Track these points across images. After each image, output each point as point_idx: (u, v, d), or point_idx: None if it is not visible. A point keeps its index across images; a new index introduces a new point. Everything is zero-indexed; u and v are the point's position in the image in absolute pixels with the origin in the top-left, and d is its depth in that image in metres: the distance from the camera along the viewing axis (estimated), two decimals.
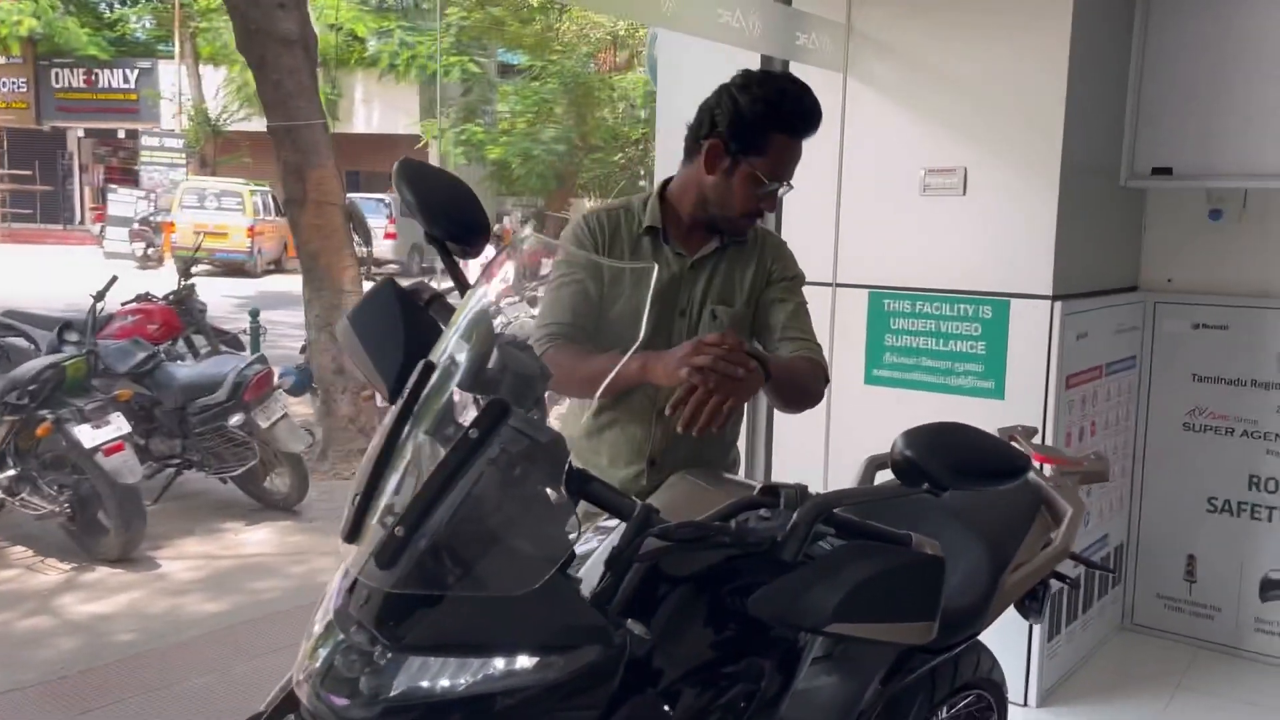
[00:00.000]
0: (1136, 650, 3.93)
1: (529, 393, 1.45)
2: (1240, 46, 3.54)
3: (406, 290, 1.56)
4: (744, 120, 2.01)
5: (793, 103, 2.03)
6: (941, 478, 1.39)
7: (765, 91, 2.02)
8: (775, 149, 2.03)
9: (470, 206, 1.56)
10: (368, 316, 1.55)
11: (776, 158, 2.04)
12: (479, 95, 22.81)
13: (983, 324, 3.42)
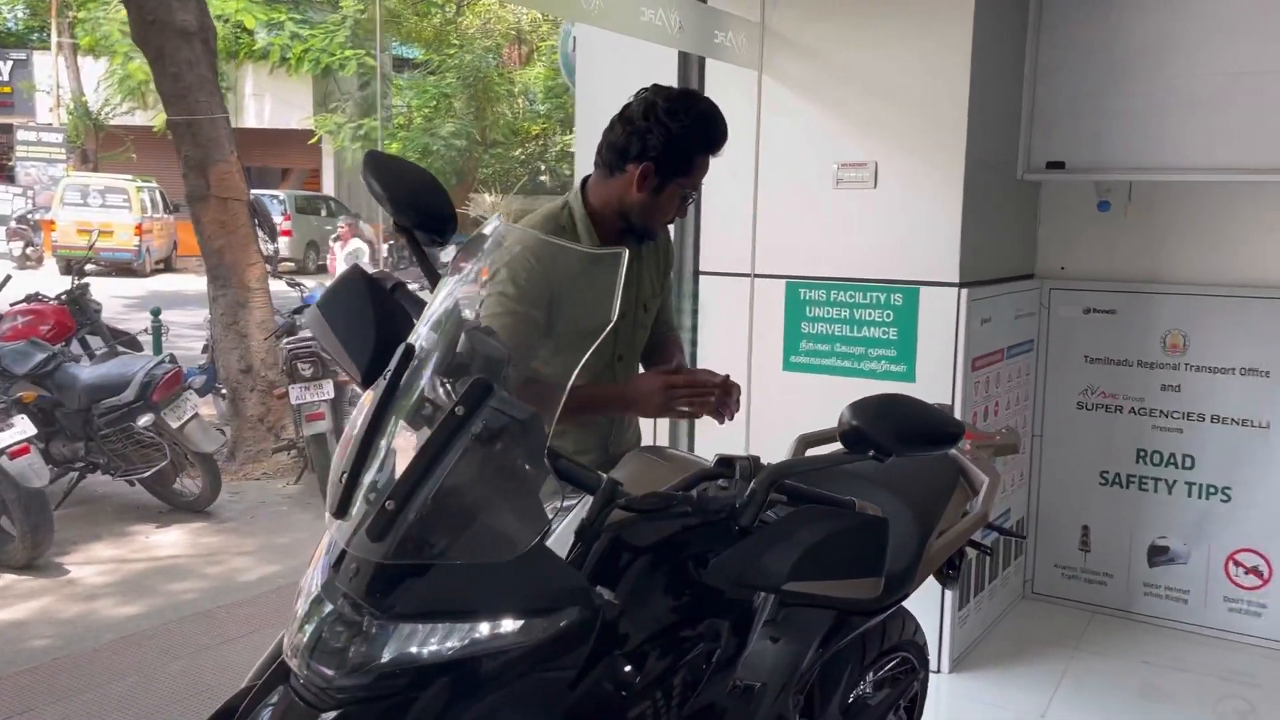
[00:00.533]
0: (1037, 617, 4.17)
1: (496, 374, 1.53)
2: (1125, 50, 3.79)
3: (373, 278, 1.61)
4: (676, 146, 2.18)
5: (715, 126, 2.24)
6: (886, 445, 1.51)
7: (692, 118, 2.20)
8: (698, 167, 2.25)
9: (437, 196, 1.62)
10: (337, 304, 1.60)
11: (699, 174, 2.26)
12: (375, 89, 22.46)
13: (894, 311, 3.59)
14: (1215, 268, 3.91)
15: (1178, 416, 3.98)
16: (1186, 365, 3.95)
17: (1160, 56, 3.74)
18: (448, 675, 1.35)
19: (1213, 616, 3.99)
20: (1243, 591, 3.94)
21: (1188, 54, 3.70)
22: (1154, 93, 3.77)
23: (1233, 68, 3.62)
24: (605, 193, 2.25)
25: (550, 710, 1.41)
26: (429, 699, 1.34)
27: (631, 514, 1.55)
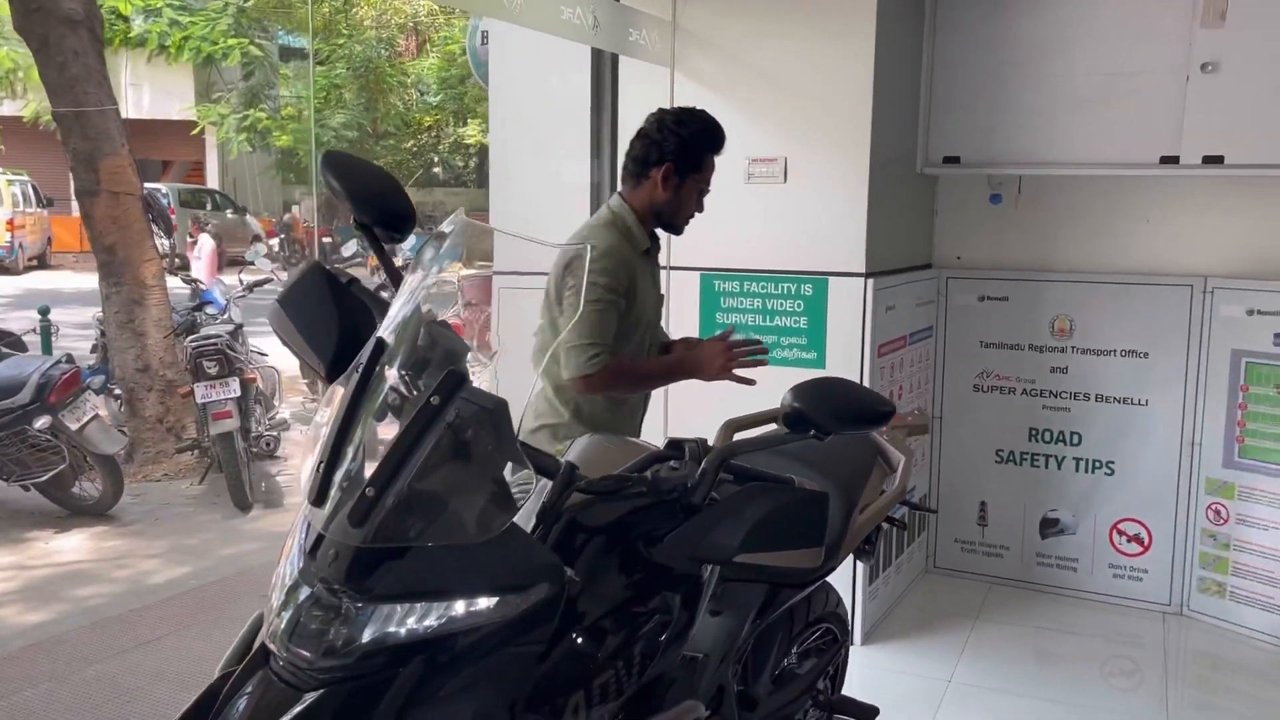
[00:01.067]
0: (940, 590, 4.39)
1: (458, 364, 1.59)
2: (1014, 51, 4.01)
3: (332, 273, 1.66)
4: (687, 148, 2.69)
5: (717, 129, 2.73)
6: (826, 424, 1.62)
7: (697, 124, 2.71)
8: (707, 165, 2.75)
9: (396, 194, 1.67)
10: (298, 299, 1.63)
11: (708, 171, 2.76)
12: (261, 79, 21.85)
13: (804, 300, 3.74)
14: (1098, 256, 4.17)
15: (1066, 396, 4.24)
16: (1073, 348, 4.21)
17: (1047, 57, 3.97)
18: (425, 653, 1.41)
19: (1099, 583, 4.27)
20: (1125, 558, 4.22)
21: (1071, 55, 3.94)
22: (1041, 91, 4.00)
23: (1112, 68, 3.87)
24: (637, 198, 2.73)
25: (521, 683, 1.48)
26: (407, 676, 1.40)
27: (589, 496, 1.63)
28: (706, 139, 2.72)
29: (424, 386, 1.51)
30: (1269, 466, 3.90)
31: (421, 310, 1.59)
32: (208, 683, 1.51)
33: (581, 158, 4.08)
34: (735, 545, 1.59)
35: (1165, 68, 3.79)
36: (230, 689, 1.42)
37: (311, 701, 1.37)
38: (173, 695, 3.54)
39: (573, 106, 4.06)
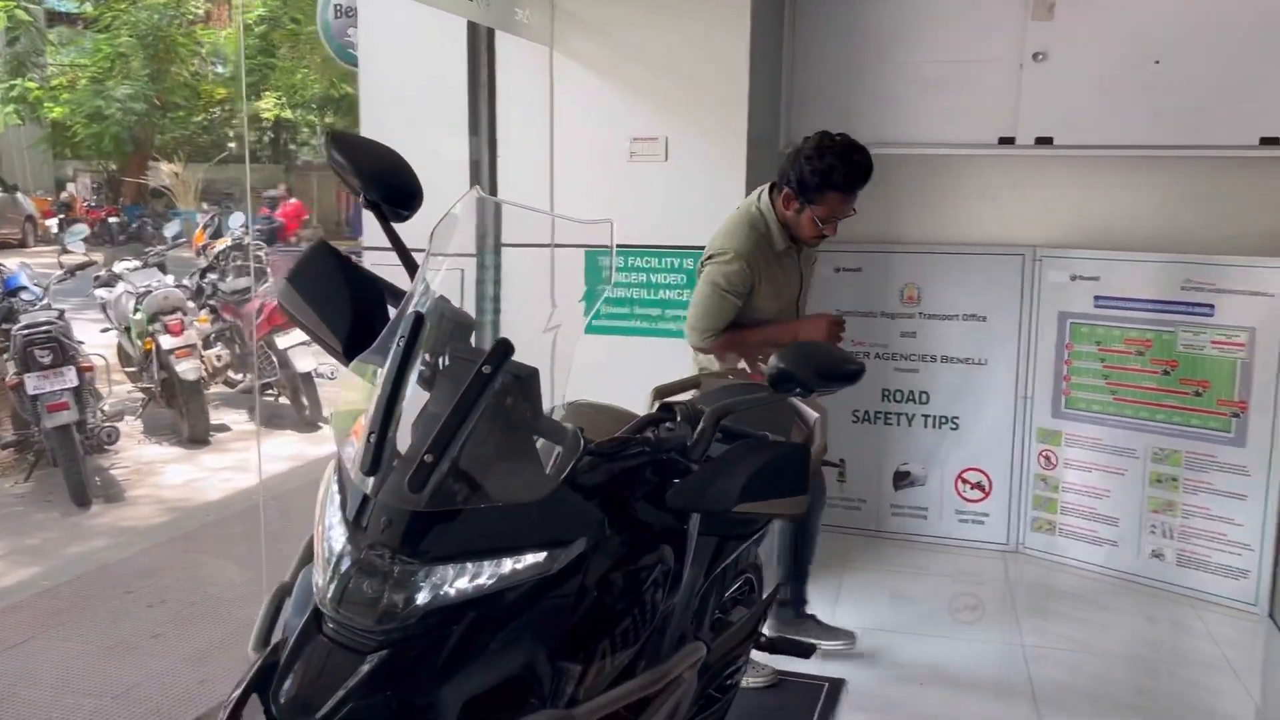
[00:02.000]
0: (824, 543, 4.68)
1: (466, 335, 1.66)
2: (866, 37, 4.31)
3: (339, 251, 1.68)
4: (805, 184, 3.04)
5: (841, 170, 3.00)
6: (810, 382, 1.79)
7: (826, 161, 3.00)
8: (829, 202, 3.05)
9: (403, 172, 1.70)
10: (308, 278, 1.65)
11: (830, 207, 3.06)
12: (28, 46, 20.16)
13: (688, 275, 3.91)
14: (942, 229, 4.55)
15: (914, 359, 4.61)
16: (921, 314, 4.57)
17: (896, 44, 4.29)
18: (476, 609, 1.48)
19: (947, 528, 4.68)
20: (969, 505, 4.65)
21: (918, 44, 4.27)
22: (892, 77, 4.32)
23: (954, 56, 4.22)
24: (778, 205, 3.16)
25: (557, 632, 1.58)
26: (462, 631, 1.47)
27: (596, 457, 1.73)
28: (826, 178, 2.99)
29: (452, 358, 1.58)
30: (1090, 414, 4.39)
31: (431, 285, 1.64)
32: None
33: (459, 134, 4.09)
34: (734, 495, 1.73)
35: (1001, 56, 4.17)
36: (287, 659, 1.45)
37: (376, 662, 1.42)
38: (53, 696, 3.39)
39: (448, 83, 4.06)
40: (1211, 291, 4.05)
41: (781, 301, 3.22)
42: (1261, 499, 3.99)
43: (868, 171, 3.03)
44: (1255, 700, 3.46)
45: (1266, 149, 3.95)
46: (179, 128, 21.85)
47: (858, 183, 3.03)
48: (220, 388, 7.67)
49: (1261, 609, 4.03)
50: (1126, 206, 4.41)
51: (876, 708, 3.33)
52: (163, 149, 22.05)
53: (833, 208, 3.04)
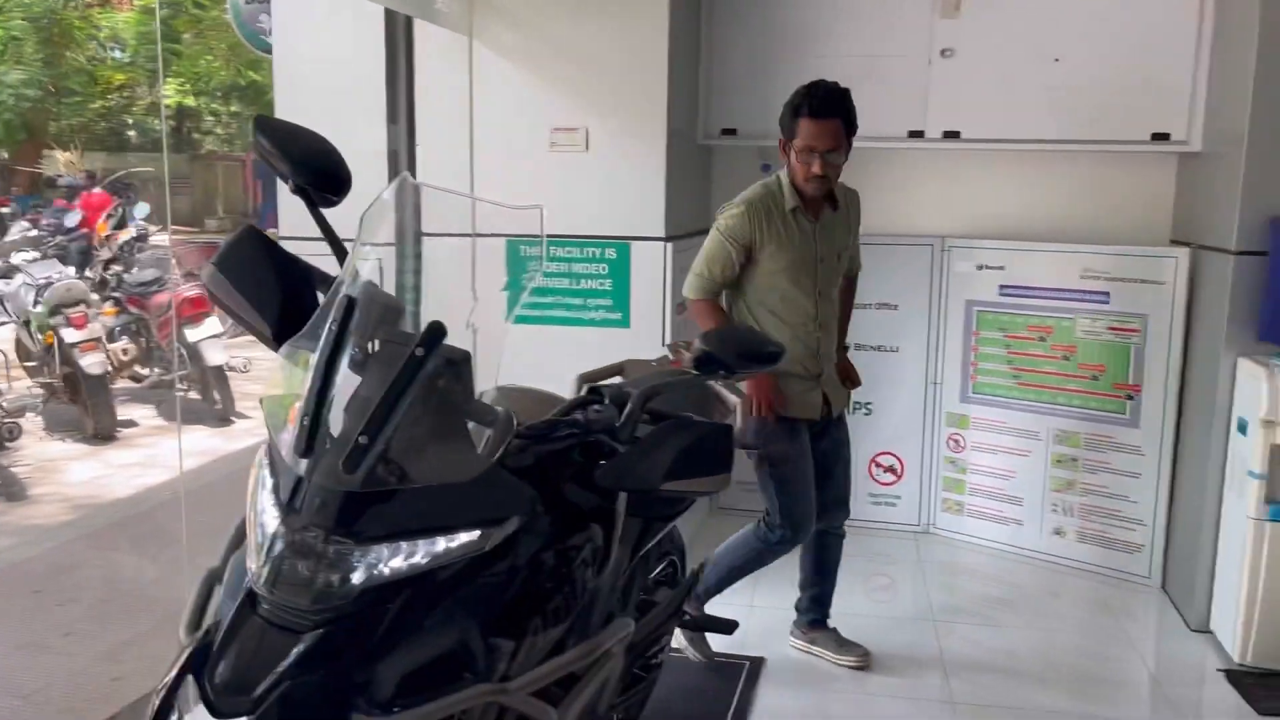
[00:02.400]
0: (727, 529, 4.72)
1: (396, 320, 1.69)
2: (782, 32, 4.40)
3: (268, 237, 1.69)
4: (784, 123, 3.11)
5: (806, 93, 3.06)
6: (733, 364, 1.85)
7: (793, 98, 3.09)
8: (801, 130, 3.05)
9: (332, 157, 1.71)
10: (236, 263, 1.65)
11: (806, 135, 3.04)
12: None
13: (609, 264, 3.96)
14: None
15: None
16: None
17: (810, 38, 4.39)
18: (410, 588, 1.51)
19: (861, 510, 4.79)
20: (882, 488, 4.79)
21: (830, 38, 4.38)
22: (806, 70, 4.36)
23: (866, 51, 4.33)
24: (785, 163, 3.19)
25: (490, 609, 1.61)
26: (397, 609, 1.50)
27: (526, 439, 1.77)
28: (796, 108, 3.03)
29: (383, 342, 1.60)
30: (995, 398, 4.56)
31: (361, 271, 1.66)
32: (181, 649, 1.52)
33: (377, 124, 4.07)
34: (661, 474, 1.78)
35: (911, 52, 4.30)
36: (222, 641, 1.46)
37: (312, 641, 1.44)
38: None
39: (366, 72, 4.04)
40: (1107, 280, 4.25)
41: (789, 263, 3.16)
42: (1154, 477, 4.20)
43: (829, 95, 3.05)
44: (1149, 667, 3.65)
45: (1157, 144, 4.16)
46: (75, 114, 21.08)
47: (822, 107, 3.03)
48: (126, 382, 7.46)
49: (1155, 581, 4.25)
50: (1029, 198, 4.59)
51: (796, 683, 3.43)
52: (58, 137, 21.25)
53: (807, 137, 3.03)
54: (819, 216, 3.22)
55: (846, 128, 3.09)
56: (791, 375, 3.21)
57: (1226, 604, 3.64)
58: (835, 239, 3.26)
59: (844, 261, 3.34)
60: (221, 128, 24.19)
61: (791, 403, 3.24)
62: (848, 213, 3.32)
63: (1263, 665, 3.51)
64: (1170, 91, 4.09)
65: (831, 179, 3.13)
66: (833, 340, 3.35)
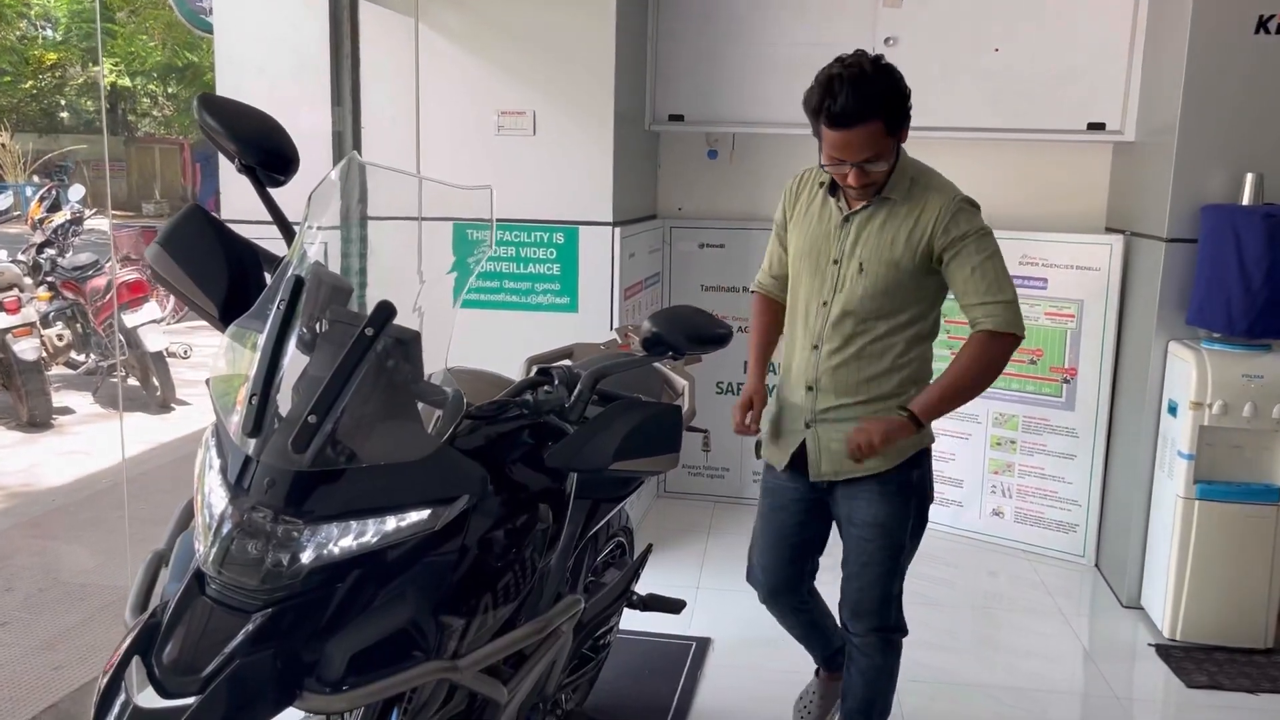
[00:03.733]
0: (672, 512, 4.82)
1: (344, 300, 1.68)
2: (728, 19, 4.42)
3: (213, 216, 1.67)
4: (805, 102, 2.32)
5: (822, 94, 2.24)
6: (680, 345, 1.87)
7: (810, 94, 2.29)
8: (827, 138, 2.28)
9: (279, 135, 1.70)
10: (182, 242, 1.63)
11: (830, 143, 2.28)
12: None
13: (557, 249, 3.96)
14: None
15: None
16: None
17: (756, 27, 4.42)
18: (361, 567, 1.52)
19: None
20: None
21: (776, 26, 4.41)
22: (751, 57, 4.45)
23: (811, 40, 4.37)
24: None
25: (440, 588, 1.62)
26: (347, 588, 1.50)
27: (476, 420, 1.78)
28: (813, 113, 2.28)
29: (331, 322, 1.60)
30: None
31: (309, 250, 1.65)
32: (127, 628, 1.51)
33: (321, 106, 4.02)
34: (610, 455, 1.80)
35: (855, 40, 4.31)
36: (170, 621, 1.45)
37: (261, 620, 1.44)
38: None
39: (309, 53, 3.99)
40: (1044, 266, 4.35)
41: (798, 251, 2.49)
42: (1089, 459, 4.31)
43: (854, 99, 2.19)
44: (1083, 642, 3.76)
45: (1093, 134, 4.26)
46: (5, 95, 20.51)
47: (844, 117, 2.20)
48: (61, 369, 7.30)
49: (1089, 560, 4.37)
50: (969, 186, 4.61)
51: (740, 664, 3.47)
52: None
53: (832, 148, 2.28)
54: (858, 208, 2.39)
55: (888, 125, 2.26)
56: (783, 407, 2.61)
57: (1157, 581, 3.76)
58: (874, 248, 2.36)
59: (879, 280, 2.36)
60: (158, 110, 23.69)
61: (766, 437, 2.65)
62: (919, 214, 2.36)
63: (1191, 640, 3.64)
64: (1106, 82, 4.19)
65: (877, 184, 2.36)
66: (853, 388, 2.43)
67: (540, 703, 2.25)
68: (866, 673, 2.60)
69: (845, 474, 2.46)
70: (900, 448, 2.41)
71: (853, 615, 2.57)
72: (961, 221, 2.35)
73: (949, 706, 3.26)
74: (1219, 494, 3.54)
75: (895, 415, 2.32)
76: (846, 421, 2.41)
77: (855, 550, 2.52)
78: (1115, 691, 3.40)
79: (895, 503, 2.47)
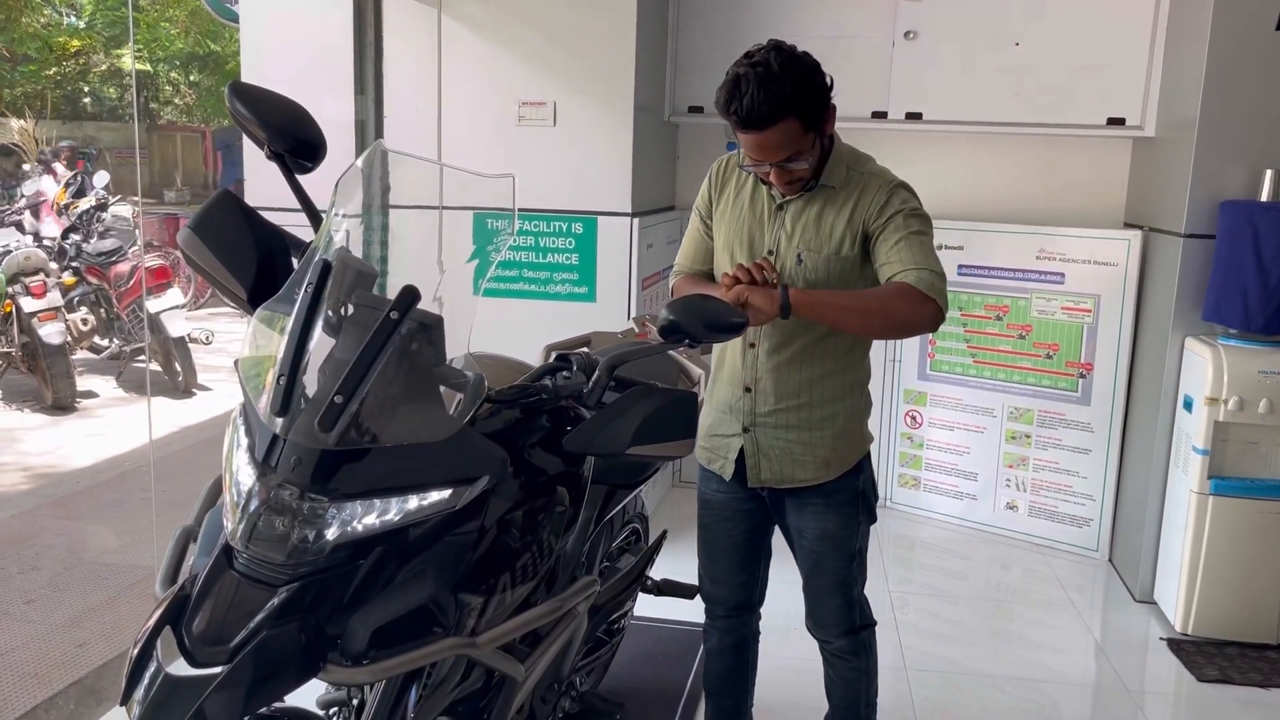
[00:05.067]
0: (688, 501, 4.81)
1: (369, 285, 1.72)
2: (748, 10, 4.44)
3: (244, 201, 1.71)
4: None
5: (729, 94, 2.10)
6: (696, 333, 1.90)
7: (718, 95, 2.14)
8: (741, 140, 2.15)
9: (307, 123, 1.74)
10: (213, 226, 1.68)
11: (745, 145, 2.16)
12: None
13: (575, 239, 4.00)
14: None
15: None
16: None
17: (776, 19, 4.43)
18: (383, 544, 1.56)
19: None
20: None
21: (796, 19, 4.42)
22: None
23: (832, 32, 4.39)
24: None
25: (460, 566, 1.66)
26: (370, 565, 1.54)
27: (496, 404, 1.82)
28: (723, 111, 2.14)
29: (356, 306, 1.64)
30: (953, 376, 4.66)
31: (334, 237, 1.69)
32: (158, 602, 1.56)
33: (345, 94, 4.07)
34: (627, 440, 1.83)
35: (876, 34, 4.36)
36: (199, 593, 1.50)
37: (287, 594, 1.48)
38: None
39: (333, 43, 4.04)
40: (1062, 261, 4.35)
41: (726, 239, 2.31)
42: (1104, 453, 4.32)
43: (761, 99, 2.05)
44: (1095, 636, 3.77)
45: (1112, 128, 4.26)
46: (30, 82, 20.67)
47: (750, 120, 2.06)
48: (85, 353, 7.40)
49: (1102, 554, 4.38)
50: (988, 180, 4.68)
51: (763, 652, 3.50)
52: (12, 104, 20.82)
53: (747, 145, 2.15)
54: (794, 196, 2.23)
55: (805, 122, 2.10)
56: (714, 404, 2.42)
57: (1170, 576, 3.77)
58: (813, 236, 2.21)
59: (820, 269, 2.20)
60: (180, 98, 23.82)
61: (704, 444, 2.45)
62: (857, 199, 2.20)
63: (1204, 635, 3.65)
64: (1126, 77, 4.19)
65: (803, 180, 2.20)
66: (795, 390, 2.28)
67: (555, 683, 2.29)
68: (845, 675, 2.55)
69: (787, 482, 2.34)
70: (842, 458, 2.34)
71: (817, 625, 2.51)
72: (896, 201, 2.19)
73: (959, 697, 3.29)
74: (1233, 489, 3.55)
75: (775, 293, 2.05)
76: (788, 428, 2.30)
77: (809, 563, 2.43)
78: (1126, 685, 3.42)
79: (845, 512, 2.37)
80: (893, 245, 2.14)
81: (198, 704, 1.40)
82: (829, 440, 2.31)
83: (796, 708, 3.10)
